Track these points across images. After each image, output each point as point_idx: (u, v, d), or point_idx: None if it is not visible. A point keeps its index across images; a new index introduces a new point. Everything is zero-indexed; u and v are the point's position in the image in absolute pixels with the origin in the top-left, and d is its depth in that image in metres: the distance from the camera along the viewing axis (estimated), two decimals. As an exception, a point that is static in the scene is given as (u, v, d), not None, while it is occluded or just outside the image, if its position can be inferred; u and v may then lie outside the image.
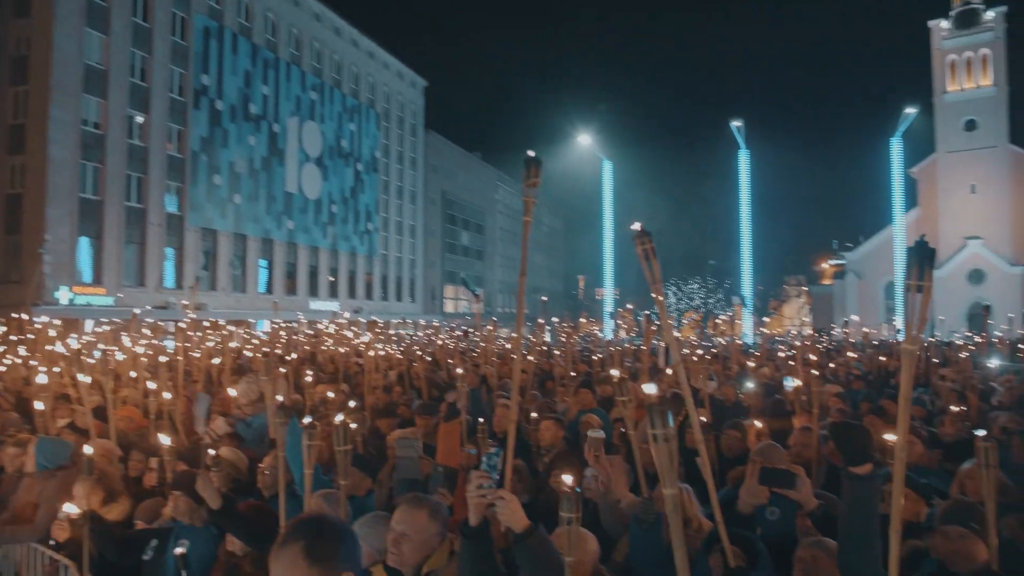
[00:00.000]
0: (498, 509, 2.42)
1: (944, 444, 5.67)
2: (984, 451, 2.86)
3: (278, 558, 1.89)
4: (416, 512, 2.89)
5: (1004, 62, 55.11)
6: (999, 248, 54.35)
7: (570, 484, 2.26)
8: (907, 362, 1.56)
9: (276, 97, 42.70)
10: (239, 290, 40.17)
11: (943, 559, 2.93)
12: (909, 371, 1.56)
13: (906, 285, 1.60)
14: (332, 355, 14.60)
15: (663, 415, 1.45)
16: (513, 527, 2.42)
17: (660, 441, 1.47)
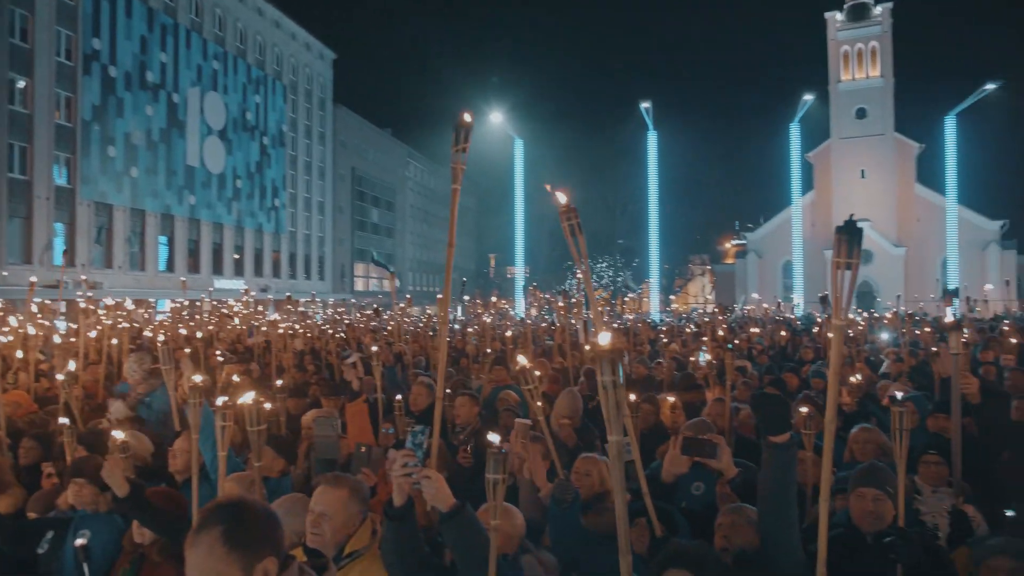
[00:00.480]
0: (423, 488, 2.39)
1: (843, 412, 5.99)
2: (898, 415, 2.99)
3: (194, 545, 1.77)
4: (337, 491, 2.82)
5: (891, 55, 58.26)
6: (885, 230, 57.76)
7: (496, 445, 2.26)
8: (836, 338, 1.61)
9: (175, 65, 40.58)
10: (137, 268, 38.27)
11: (856, 519, 3.10)
12: (839, 346, 1.61)
13: (834, 263, 1.61)
14: (240, 334, 14.16)
15: (613, 364, 1.46)
16: (439, 506, 2.40)
17: (609, 388, 1.47)
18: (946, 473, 4.09)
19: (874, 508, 2.93)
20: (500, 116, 45.07)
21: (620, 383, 1.52)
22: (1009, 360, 8.87)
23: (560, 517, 3.32)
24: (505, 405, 6.26)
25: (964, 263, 53.03)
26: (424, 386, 6.18)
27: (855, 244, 1.63)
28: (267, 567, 1.79)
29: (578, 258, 2.96)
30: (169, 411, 6.73)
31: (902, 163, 58.61)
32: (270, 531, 1.86)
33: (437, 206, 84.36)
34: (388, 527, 2.47)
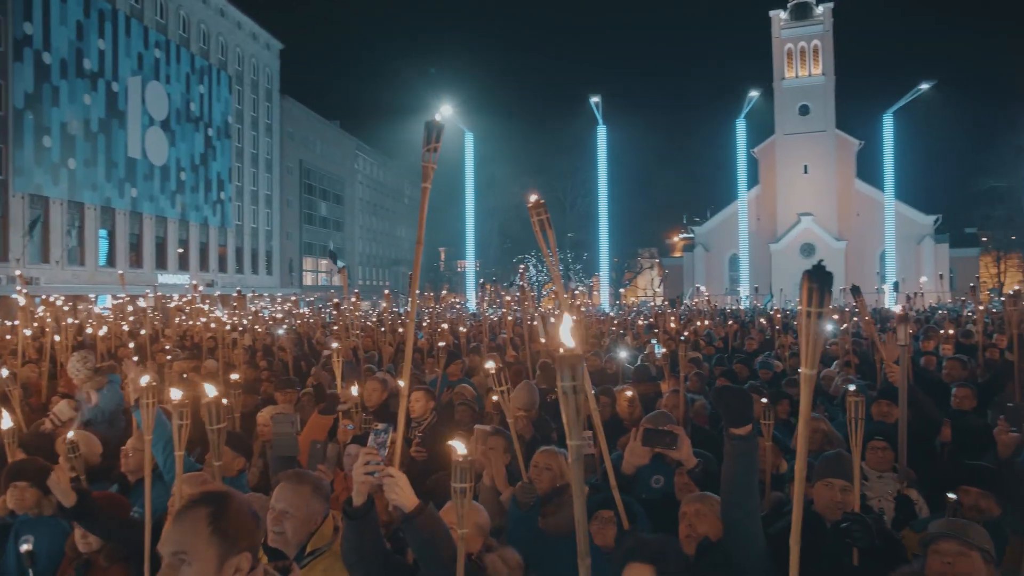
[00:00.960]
0: (386, 488, 2.36)
1: (791, 398, 6.15)
2: (854, 405, 3.07)
3: (179, 520, 1.79)
4: (298, 489, 2.78)
5: (832, 53, 59.85)
6: (827, 224, 59.39)
7: (462, 454, 2.25)
8: (805, 388, 1.55)
9: (115, 53, 39.25)
10: (76, 263, 37.00)
11: (820, 508, 3.19)
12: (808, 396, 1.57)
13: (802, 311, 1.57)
14: (188, 330, 13.84)
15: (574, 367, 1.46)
16: (402, 506, 2.37)
17: (569, 393, 1.48)
18: (891, 459, 4.23)
19: (842, 498, 3.00)
20: (450, 109, 44.84)
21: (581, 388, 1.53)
22: (947, 350, 9.23)
23: (520, 518, 3.32)
24: (461, 399, 6.25)
25: (901, 256, 54.90)
26: (378, 381, 6.13)
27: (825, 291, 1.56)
28: (241, 563, 1.80)
29: (547, 253, 2.98)
30: (117, 410, 6.57)
31: (843, 159, 60.32)
32: (252, 528, 1.87)
33: (387, 199, 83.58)
34: (348, 527, 2.42)
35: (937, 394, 5.89)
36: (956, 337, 10.07)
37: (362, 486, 2.39)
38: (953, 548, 2.57)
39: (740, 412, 2.50)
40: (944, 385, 6.37)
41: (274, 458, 4.10)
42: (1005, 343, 9.52)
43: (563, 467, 3.66)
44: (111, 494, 3.71)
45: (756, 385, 5.97)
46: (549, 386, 6.66)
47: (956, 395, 5.93)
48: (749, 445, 2.48)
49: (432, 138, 2.43)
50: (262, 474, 4.56)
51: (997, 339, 9.37)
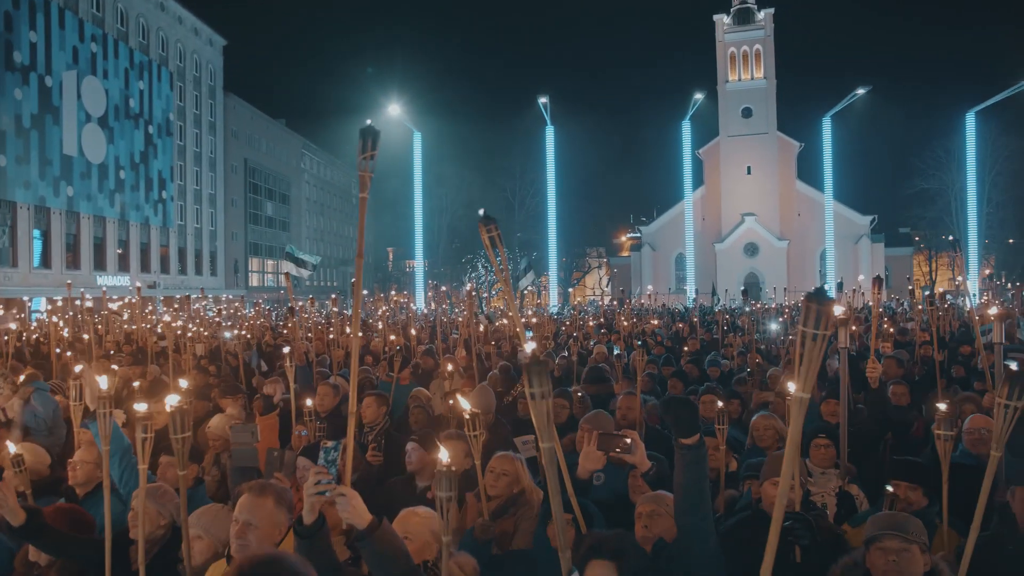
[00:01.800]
0: (339, 507, 2.31)
1: (741, 397, 6.33)
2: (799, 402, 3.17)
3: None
4: (262, 500, 2.77)
5: (773, 57, 61.39)
6: (769, 224, 60.88)
7: (445, 463, 2.26)
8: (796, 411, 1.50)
9: (47, 46, 37.84)
10: (8, 264, 35.59)
11: (767, 507, 3.34)
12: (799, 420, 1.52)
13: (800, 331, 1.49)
14: (131, 334, 13.48)
15: (541, 374, 1.51)
16: (356, 524, 2.32)
17: (538, 399, 1.53)
18: (834, 455, 4.43)
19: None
20: (398, 109, 44.61)
21: (548, 392, 1.57)
22: (886, 348, 9.60)
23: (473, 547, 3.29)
24: (415, 403, 6.27)
25: (840, 255, 56.67)
26: (330, 387, 6.11)
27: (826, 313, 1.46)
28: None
29: (499, 271, 3.02)
30: (55, 417, 6.38)
31: (784, 161, 61.88)
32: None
33: (334, 199, 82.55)
34: (299, 545, 2.37)
35: (876, 392, 6.15)
36: (894, 335, 10.48)
37: (312, 505, 2.34)
38: (895, 545, 2.71)
39: (687, 423, 2.61)
40: (882, 383, 6.64)
41: (233, 469, 4.06)
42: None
43: (519, 472, 3.71)
44: (71, 507, 3.62)
45: (712, 386, 6.14)
46: (505, 389, 6.72)
47: (893, 392, 6.20)
48: (698, 453, 2.58)
49: (368, 145, 2.38)
50: (219, 483, 4.51)
51: (922, 335, 9.78)
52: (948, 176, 58.35)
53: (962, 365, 8.30)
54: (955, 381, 7.62)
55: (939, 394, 5.66)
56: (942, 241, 64.18)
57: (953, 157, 56.57)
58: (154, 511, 3.19)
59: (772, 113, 61.45)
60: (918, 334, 11.48)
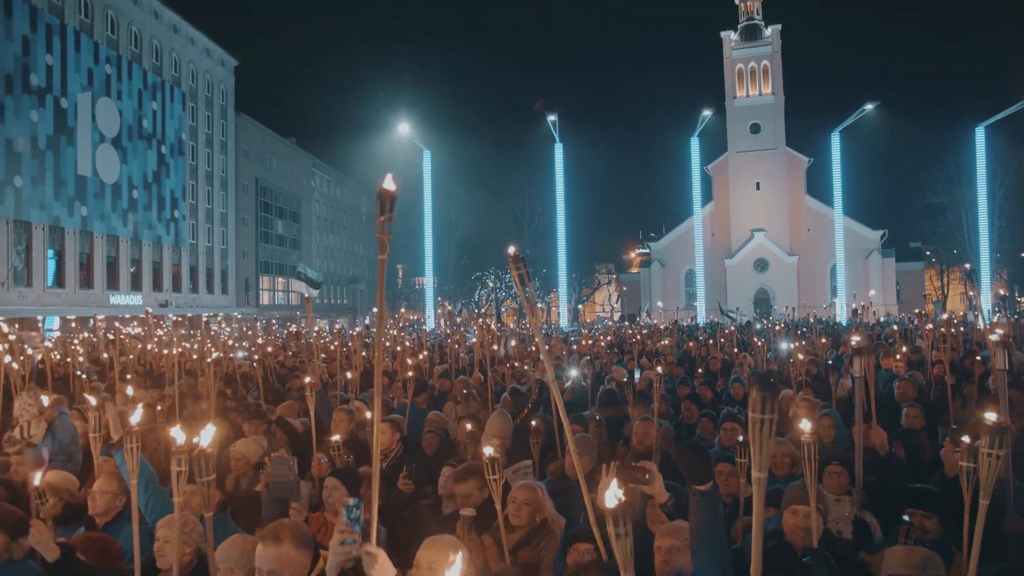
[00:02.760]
0: (364, 565, 2.30)
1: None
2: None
3: None
4: (278, 548, 2.75)
5: (781, 73, 61.54)
6: (779, 240, 60.78)
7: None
8: (757, 491, 1.60)
9: (63, 68, 38.39)
10: (23, 283, 35.92)
11: (788, 532, 3.39)
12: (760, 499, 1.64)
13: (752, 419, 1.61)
14: (142, 355, 13.58)
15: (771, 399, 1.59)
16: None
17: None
18: (847, 482, 4.44)
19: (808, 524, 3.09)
20: (407, 127, 44.90)
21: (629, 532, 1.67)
22: (900, 368, 9.56)
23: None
24: (432, 427, 6.31)
25: (850, 270, 56.42)
26: (346, 412, 6.14)
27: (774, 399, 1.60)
28: None
29: (527, 307, 3.09)
30: (73, 443, 6.44)
31: (793, 176, 61.85)
32: None
33: (344, 216, 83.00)
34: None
35: (891, 414, 6.16)
36: (907, 355, 10.43)
37: (337, 559, 2.35)
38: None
39: (701, 472, 2.67)
40: (897, 405, 6.65)
41: (270, 499, 4.10)
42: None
43: (541, 501, 3.73)
44: (100, 537, 3.67)
45: (733, 412, 6.14)
46: (517, 411, 6.75)
47: (907, 414, 6.20)
48: (711, 499, 2.65)
49: (386, 207, 2.26)
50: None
51: (936, 355, 9.73)
52: (958, 190, 58.15)
53: (976, 386, 8.26)
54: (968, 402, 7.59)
55: (951, 418, 5.66)
56: (953, 255, 63.93)
57: (963, 171, 56.37)
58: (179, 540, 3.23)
59: (780, 129, 61.50)
60: (936, 353, 11.44)
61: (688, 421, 6.73)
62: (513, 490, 3.70)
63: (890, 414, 6.38)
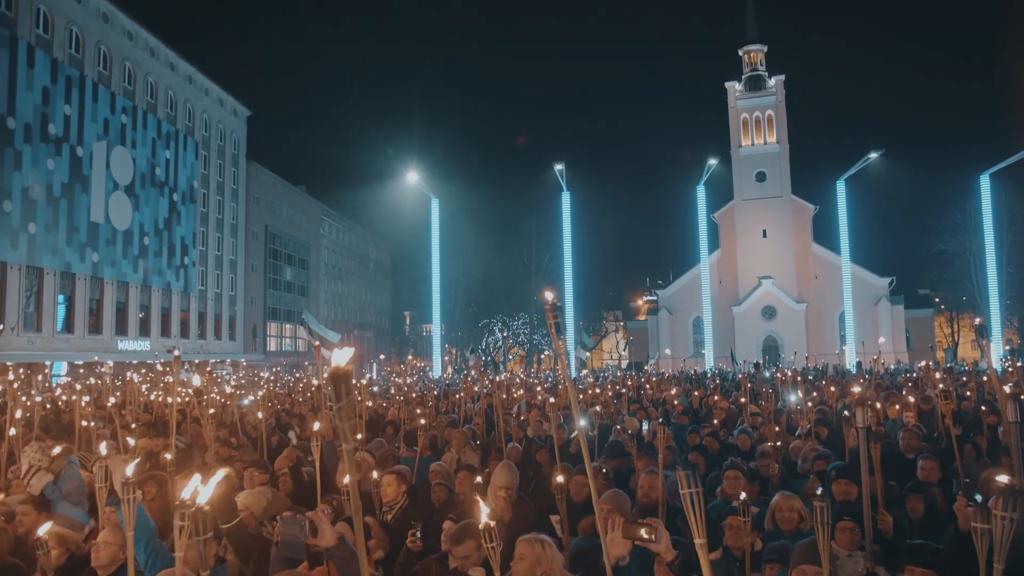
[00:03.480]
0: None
1: (762, 478, 6.26)
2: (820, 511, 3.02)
3: None
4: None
5: (785, 123, 62.32)
6: (787, 287, 60.72)
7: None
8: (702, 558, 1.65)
9: (80, 118, 39.20)
10: (32, 328, 36.10)
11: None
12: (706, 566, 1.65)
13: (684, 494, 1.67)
14: (148, 402, 13.57)
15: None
16: None
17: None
18: (859, 537, 4.36)
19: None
20: (416, 176, 45.50)
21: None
22: (910, 417, 9.45)
23: None
24: (438, 479, 6.25)
25: (859, 317, 56.20)
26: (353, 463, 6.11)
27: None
28: None
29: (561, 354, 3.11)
30: (79, 493, 6.40)
31: (799, 223, 62.10)
32: None
33: (352, 263, 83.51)
34: None
35: (897, 465, 6.07)
36: (916, 403, 10.33)
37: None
38: None
39: (711, 540, 2.66)
40: (903, 456, 6.56)
41: (278, 557, 4.05)
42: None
43: (540, 555, 3.65)
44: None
45: (736, 461, 6.07)
46: (525, 463, 6.69)
47: (923, 467, 6.08)
48: (721, 566, 2.64)
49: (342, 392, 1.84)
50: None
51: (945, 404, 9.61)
52: (965, 237, 58.22)
53: (986, 436, 8.16)
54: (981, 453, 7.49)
55: (960, 469, 5.57)
56: (963, 302, 63.65)
57: (969, 218, 56.55)
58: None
59: (786, 177, 61.98)
60: (941, 404, 11.32)
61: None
62: (518, 543, 3.64)
63: (900, 465, 6.30)
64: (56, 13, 37.80)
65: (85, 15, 40.07)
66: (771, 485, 6.13)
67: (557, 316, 2.99)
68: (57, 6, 37.87)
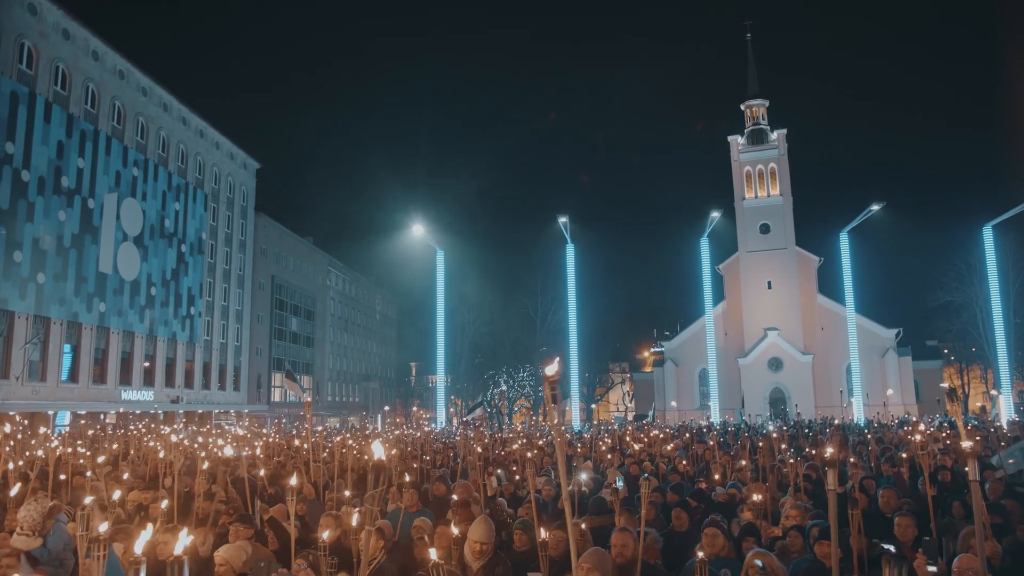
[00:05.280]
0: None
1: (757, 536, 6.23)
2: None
3: None
4: None
5: (787, 175, 62.95)
6: (793, 339, 60.49)
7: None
8: None
9: (93, 171, 40.02)
10: (37, 378, 36.22)
11: None
12: None
13: None
14: (147, 453, 13.59)
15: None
16: None
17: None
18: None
19: None
20: (421, 228, 46.01)
21: None
22: (903, 475, 9.40)
23: None
24: (420, 533, 6.26)
25: (866, 369, 55.83)
26: (332, 518, 6.13)
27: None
28: None
29: (555, 423, 3.19)
30: (66, 550, 6.42)
31: (804, 275, 62.20)
32: None
33: (358, 315, 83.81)
34: None
35: (878, 524, 6.05)
36: (908, 459, 10.26)
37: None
38: None
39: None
40: (882, 515, 6.53)
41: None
42: (950, 463, 9.78)
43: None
44: None
45: (716, 519, 6.06)
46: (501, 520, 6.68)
47: (898, 524, 6.07)
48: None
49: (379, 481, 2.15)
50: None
51: (942, 459, 9.57)
52: (971, 289, 58.14)
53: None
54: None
55: (933, 529, 5.55)
56: (972, 353, 63.20)
57: (975, 270, 56.58)
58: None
59: (790, 229, 62.33)
60: (940, 458, 11.24)
61: (678, 529, 6.62)
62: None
63: (886, 523, 6.27)
64: (74, 71, 38.94)
65: (102, 72, 41.23)
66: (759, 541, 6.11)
67: (555, 387, 3.09)
68: (75, 64, 39.04)
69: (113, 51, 42.04)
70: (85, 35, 39.79)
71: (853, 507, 5.26)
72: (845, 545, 5.11)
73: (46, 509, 5.82)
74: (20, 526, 6.09)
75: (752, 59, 66.08)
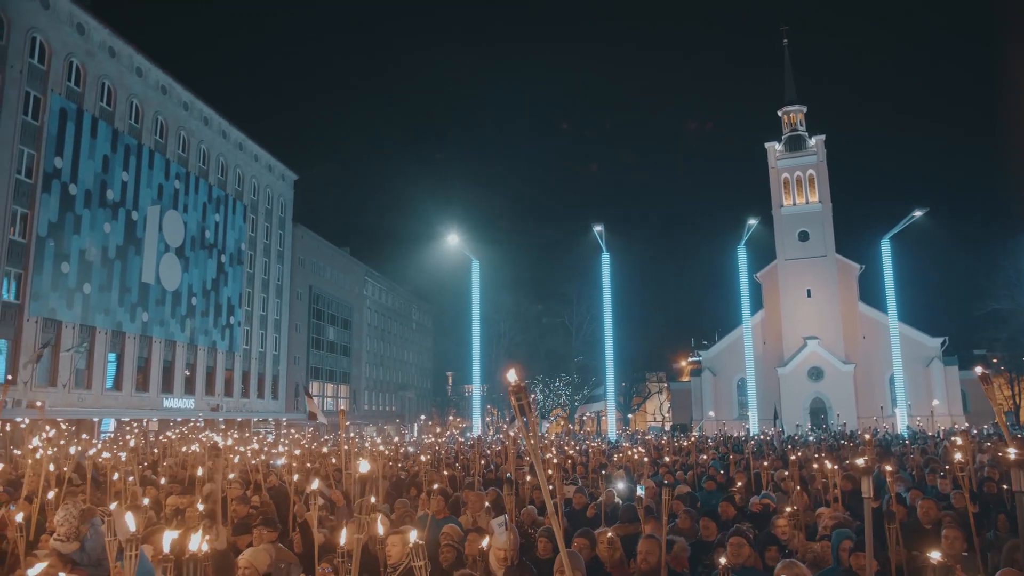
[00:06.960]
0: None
1: (780, 545, 6.09)
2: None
3: None
4: None
5: (827, 182, 61.90)
6: (833, 348, 59.30)
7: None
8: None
9: (136, 184, 41.07)
10: (83, 386, 37.15)
11: None
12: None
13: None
14: (184, 459, 13.80)
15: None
16: None
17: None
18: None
19: None
20: (456, 238, 46.23)
21: None
22: (945, 486, 9.10)
23: None
24: (448, 540, 6.23)
25: (910, 378, 54.47)
26: (355, 523, 6.12)
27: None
28: None
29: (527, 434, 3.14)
30: (102, 554, 6.52)
31: (845, 283, 61.01)
32: None
33: (394, 324, 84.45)
34: None
35: (916, 536, 5.85)
36: (953, 472, 9.94)
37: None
38: None
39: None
40: (923, 528, 6.32)
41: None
42: (998, 475, 9.45)
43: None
44: None
45: (741, 528, 5.94)
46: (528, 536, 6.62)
47: (946, 536, 5.86)
48: None
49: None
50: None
51: (990, 472, 9.26)
52: (1021, 296, 56.46)
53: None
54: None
55: (976, 543, 5.35)
56: (1023, 363, 61.29)
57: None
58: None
59: (829, 236, 61.25)
60: (988, 470, 10.87)
61: (706, 539, 6.50)
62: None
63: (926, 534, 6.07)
64: (119, 87, 40.03)
65: (145, 88, 42.31)
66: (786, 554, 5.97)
67: (522, 398, 3.03)
68: (120, 80, 40.13)
69: (156, 67, 43.15)
70: (130, 52, 40.91)
71: (890, 522, 5.11)
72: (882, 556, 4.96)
73: (79, 513, 5.91)
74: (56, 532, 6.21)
75: (789, 65, 65.30)
